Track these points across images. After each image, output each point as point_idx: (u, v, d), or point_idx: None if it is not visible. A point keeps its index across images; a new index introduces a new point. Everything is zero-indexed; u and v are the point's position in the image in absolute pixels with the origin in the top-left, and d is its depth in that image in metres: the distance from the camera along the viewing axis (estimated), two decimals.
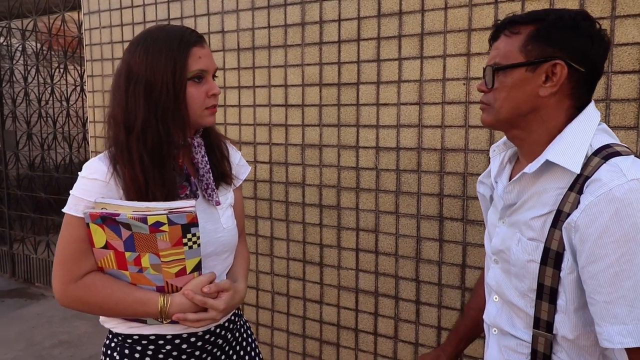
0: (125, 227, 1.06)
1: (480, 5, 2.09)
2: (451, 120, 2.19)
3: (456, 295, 2.26)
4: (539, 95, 0.94)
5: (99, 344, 3.14)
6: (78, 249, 1.10)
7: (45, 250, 4.13)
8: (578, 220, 0.86)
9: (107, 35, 3.31)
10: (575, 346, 0.93)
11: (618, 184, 0.83)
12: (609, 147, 0.90)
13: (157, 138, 1.09)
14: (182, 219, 1.04)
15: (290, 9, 2.55)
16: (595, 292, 0.85)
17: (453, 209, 2.23)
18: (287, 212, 2.68)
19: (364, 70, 2.38)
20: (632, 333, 0.81)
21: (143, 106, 1.08)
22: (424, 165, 2.28)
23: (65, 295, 1.10)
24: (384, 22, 2.31)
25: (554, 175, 0.93)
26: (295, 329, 2.74)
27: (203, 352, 1.19)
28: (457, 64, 2.16)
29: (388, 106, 2.34)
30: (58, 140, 4.11)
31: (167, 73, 1.08)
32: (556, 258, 0.90)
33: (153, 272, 1.09)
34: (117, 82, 1.13)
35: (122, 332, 1.17)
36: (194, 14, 2.89)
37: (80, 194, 1.10)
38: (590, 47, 0.92)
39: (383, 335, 2.47)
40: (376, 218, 2.42)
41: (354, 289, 2.53)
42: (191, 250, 1.08)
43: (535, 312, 0.95)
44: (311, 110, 2.55)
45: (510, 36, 0.96)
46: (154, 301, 1.08)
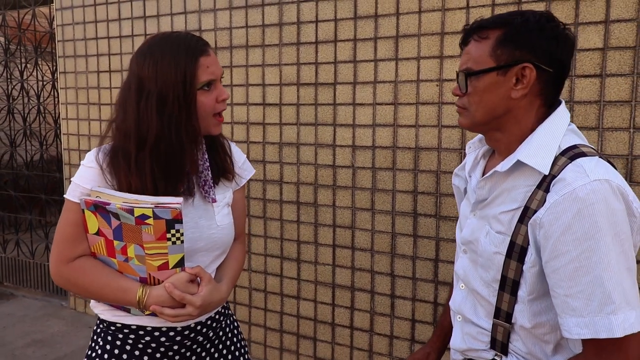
0: (114, 216, 1.10)
1: (452, 9, 2.17)
2: (425, 120, 2.28)
3: (430, 288, 2.35)
4: (511, 98, 0.97)
5: (74, 342, 3.12)
6: (73, 233, 1.15)
7: (15, 249, 4.05)
8: (543, 217, 0.90)
9: (80, 31, 3.27)
10: (531, 335, 0.98)
11: (581, 184, 0.87)
12: (575, 148, 0.94)
13: (170, 150, 1.12)
14: (167, 214, 1.07)
15: (268, 9, 2.59)
16: (557, 286, 0.89)
17: (427, 205, 2.32)
18: (264, 209, 2.72)
19: (340, 71, 2.44)
20: (588, 325, 0.86)
21: (156, 119, 1.09)
22: (398, 164, 2.36)
23: (58, 274, 1.16)
24: (360, 24, 2.38)
25: (523, 174, 0.97)
26: (273, 324, 2.79)
27: (181, 347, 1.22)
28: (430, 66, 2.24)
29: (364, 106, 2.40)
30: (28, 137, 4.03)
31: (178, 85, 1.10)
32: (520, 252, 0.95)
33: (137, 263, 1.13)
34: (127, 95, 1.13)
35: (107, 319, 1.21)
36: (170, 12, 2.89)
37: (79, 180, 1.14)
38: (556, 47, 0.96)
39: (359, 329, 2.54)
40: (352, 215, 2.49)
41: (330, 284, 2.59)
42: (174, 246, 1.11)
43: (497, 303, 1.00)
44: (289, 109, 2.59)
45: (480, 41, 0.99)
46: (134, 290, 1.12)
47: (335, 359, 2.62)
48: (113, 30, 3.13)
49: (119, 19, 3.09)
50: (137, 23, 3.03)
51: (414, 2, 2.24)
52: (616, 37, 1.92)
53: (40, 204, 4.01)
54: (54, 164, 4.01)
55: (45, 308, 3.67)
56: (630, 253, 0.88)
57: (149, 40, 1.16)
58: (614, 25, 1.92)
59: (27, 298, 3.89)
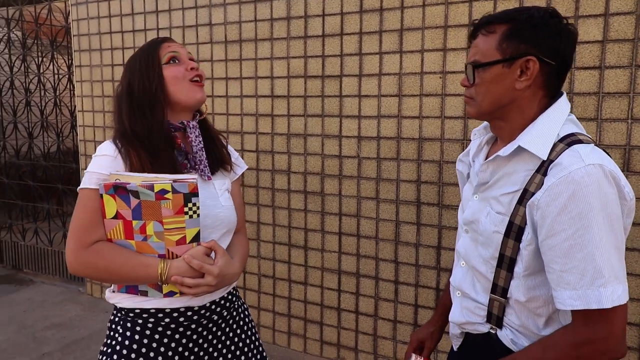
0: (134, 195, 1.17)
1: (455, 3, 2.23)
2: (428, 112, 2.34)
3: (432, 275, 2.42)
4: (515, 89, 1.03)
5: (91, 326, 3.24)
6: (90, 219, 1.21)
7: (34, 237, 4.19)
8: (540, 199, 0.96)
9: (95, 26, 3.37)
10: (525, 309, 1.05)
11: (577, 167, 0.93)
12: (573, 136, 1.01)
13: (147, 132, 1.25)
14: (185, 188, 1.17)
15: (276, 3, 2.66)
16: (553, 262, 0.96)
17: (430, 194, 2.38)
18: (273, 198, 2.81)
19: (346, 64, 2.51)
20: (581, 297, 0.93)
21: (127, 108, 1.27)
22: (402, 154, 2.43)
23: (76, 260, 1.22)
24: (365, 18, 2.44)
25: (524, 159, 1.03)
26: (281, 309, 2.88)
27: (198, 325, 1.30)
28: (434, 59, 2.30)
29: (369, 98, 2.47)
30: (45, 129, 4.16)
31: (142, 68, 1.28)
32: (518, 231, 1.01)
33: (156, 240, 1.20)
34: (113, 100, 1.34)
35: (126, 307, 1.27)
36: (182, 7, 2.97)
37: (94, 169, 1.23)
38: (559, 41, 1.01)
39: (364, 314, 2.63)
40: (358, 203, 2.56)
41: (336, 271, 2.67)
42: (191, 220, 1.20)
43: (494, 279, 1.07)
44: (296, 101, 2.67)
45: (487, 35, 1.04)
46: (155, 265, 1.20)
47: (341, 342, 2.71)
48: (126, 25, 3.22)
49: (132, 14, 3.18)
50: (149, 17, 3.11)
51: None
52: (615, 30, 1.97)
53: (58, 193, 4.14)
54: (70, 155, 4.13)
55: (63, 294, 3.81)
56: (619, 233, 0.95)
57: None
58: (613, 18, 1.96)
59: (45, 284, 4.03)
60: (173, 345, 1.28)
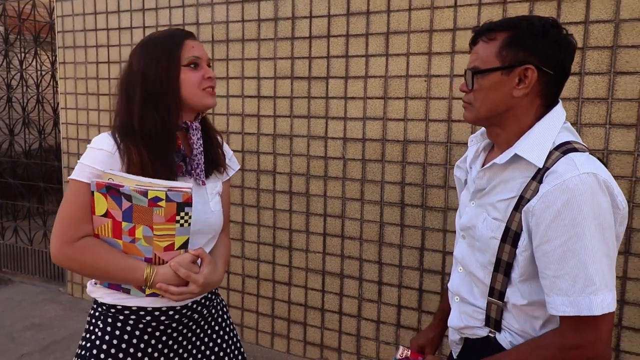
0: (126, 198, 1.15)
1: (441, 8, 2.26)
2: (413, 114, 2.37)
3: (415, 276, 2.45)
4: (513, 96, 1.04)
5: (71, 326, 3.20)
6: (79, 213, 1.19)
7: (13, 236, 4.12)
8: (535, 206, 0.98)
9: (80, 22, 3.34)
10: (522, 312, 1.06)
11: (571, 176, 0.94)
12: (568, 144, 1.02)
13: (154, 128, 1.21)
14: (179, 198, 1.15)
15: (264, 4, 2.67)
16: (546, 268, 0.98)
17: (413, 196, 2.41)
18: (258, 198, 2.81)
19: (333, 65, 2.53)
20: (573, 304, 0.95)
21: (139, 100, 1.21)
22: (387, 156, 2.45)
23: (60, 254, 1.19)
24: (352, 21, 2.46)
25: (520, 166, 1.04)
26: (265, 310, 2.88)
27: (179, 324, 1.31)
28: (419, 62, 2.33)
29: (355, 100, 2.49)
30: (27, 126, 4.10)
31: (161, 63, 1.22)
32: (514, 237, 1.03)
33: (144, 244, 1.20)
34: (120, 82, 1.26)
35: (107, 302, 1.27)
36: (168, 5, 2.96)
37: (88, 161, 1.20)
38: (558, 51, 1.02)
39: (347, 314, 2.64)
40: (342, 204, 2.58)
41: (320, 271, 2.69)
42: (182, 228, 1.20)
43: (491, 282, 1.08)
44: (283, 102, 2.68)
45: (488, 42, 1.06)
46: (141, 269, 1.19)
47: (325, 343, 2.72)
48: (112, 22, 3.20)
49: (118, 11, 3.16)
50: (135, 15, 3.10)
51: (404, 0, 2.33)
52: (595, 37, 2.02)
53: (39, 192, 4.08)
54: (52, 152, 4.08)
55: (43, 293, 3.75)
56: (610, 241, 0.97)
57: (142, 39, 1.30)
58: (593, 25, 2.01)
59: (24, 284, 3.97)
60: (153, 342, 1.28)
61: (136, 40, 3.11)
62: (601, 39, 2.01)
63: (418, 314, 2.46)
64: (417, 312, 2.46)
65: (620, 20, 1.97)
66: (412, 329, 2.49)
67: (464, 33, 2.22)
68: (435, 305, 2.41)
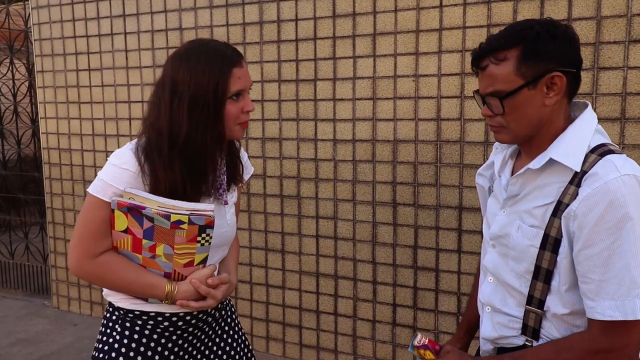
0: (148, 219, 1.15)
1: (426, 8, 2.29)
2: (402, 114, 2.39)
3: (409, 274, 2.47)
4: (545, 105, 1.03)
5: (60, 340, 3.13)
6: (99, 230, 1.19)
7: None
8: (577, 209, 0.96)
9: (57, 30, 3.27)
10: (563, 321, 1.05)
11: (613, 177, 0.94)
12: (604, 146, 1.02)
13: (196, 151, 1.17)
14: (201, 221, 1.16)
15: (249, 7, 2.66)
16: (591, 272, 0.96)
17: (405, 195, 2.43)
18: (249, 203, 2.80)
19: (320, 68, 2.53)
20: (619, 308, 0.94)
21: (187, 120, 1.15)
22: (378, 156, 2.47)
23: (81, 269, 1.20)
24: (338, 23, 2.47)
25: (555, 171, 1.03)
26: (259, 314, 2.87)
27: (195, 328, 1.32)
28: (406, 62, 2.35)
29: (344, 101, 2.50)
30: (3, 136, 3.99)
31: (210, 92, 1.15)
32: (554, 243, 1.01)
33: (164, 260, 1.20)
34: (161, 94, 1.19)
35: (124, 307, 1.27)
36: (150, 11, 2.93)
37: (111, 180, 1.17)
38: (570, 48, 1.02)
39: (343, 315, 2.65)
40: (335, 206, 2.59)
41: (314, 273, 2.69)
42: (202, 247, 1.21)
43: (530, 291, 1.06)
44: (271, 105, 2.67)
45: (499, 63, 1.02)
46: (162, 286, 1.20)
47: (321, 345, 2.72)
48: (92, 29, 3.14)
49: (98, 18, 3.11)
50: (116, 21, 3.05)
51: (390, 1, 2.35)
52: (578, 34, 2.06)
53: (19, 204, 3.98)
54: (30, 163, 3.99)
55: (27, 307, 3.66)
56: None
57: (186, 45, 1.22)
58: (575, 22, 2.07)
59: (7, 299, 3.87)
60: (170, 346, 1.29)
61: (118, 47, 3.06)
62: (584, 35, 2.06)
63: (413, 311, 2.49)
64: (413, 309, 2.49)
65: (602, 17, 2.02)
66: (407, 326, 2.51)
67: (450, 32, 2.26)
68: (430, 302, 2.44)
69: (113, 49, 3.09)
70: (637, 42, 1.99)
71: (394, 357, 2.55)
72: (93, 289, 3.40)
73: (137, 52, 3.01)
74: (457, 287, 2.38)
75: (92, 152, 3.25)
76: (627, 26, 2.00)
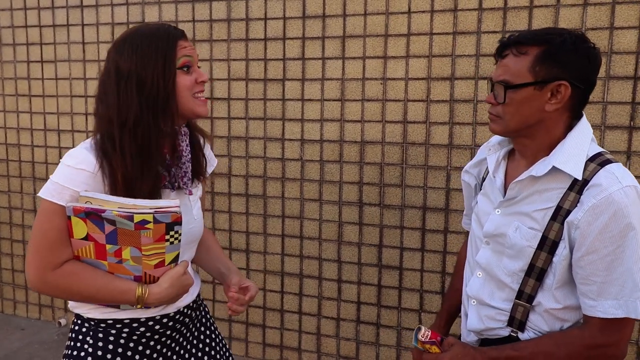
0: (109, 222, 1.08)
1: (395, 14, 2.35)
2: (370, 116, 2.44)
3: (374, 272, 2.53)
4: (544, 110, 1.07)
5: (5, 346, 2.96)
6: (57, 238, 1.11)
7: None
8: (582, 219, 1.03)
9: (7, 18, 3.09)
10: (552, 315, 1.12)
11: (616, 189, 1.01)
12: (601, 155, 1.08)
13: (147, 132, 1.12)
14: (167, 218, 1.09)
15: (216, 4, 2.63)
16: (593, 275, 1.04)
17: (371, 195, 2.49)
18: (212, 202, 2.77)
19: (289, 68, 2.54)
20: (622, 307, 1.03)
21: (136, 102, 1.11)
22: (345, 156, 2.51)
23: (42, 282, 1.11)
24: (308, 24, 2.49)
25: (556, 178, 1.08)
26: (221, 314, 2.84)
27: (173, 330, 1.28)
28: (375, 65, 2.41)
29: (312, 101, 2.53)
30: None
31: (158, 67, 1.12)
32: (552, 245, 1.08)
33: (133, 264, 1.13)
34: (106, 81, 1.15)
35: (96, 317, 1.20)
36: (110, 3, 2.83)
37: (66, 182, 1.09)
38: (588, 66, 1.06)
39: (307, 313, 2.67)
40: (301, 205, 2.61)
41: (279, 273, 2.69)
42: (172, 246, 1.13)
43: (521, 287, 1.13)
44: (237, 103, 2.65)
45: (519, 56, 1.06)
46: (132, 290, 1.13)
47: (284, 343, 2.73)
48: (45, 19, 3.00)
49: (52, 7, 2.97)
50: (73, 12, 2.93)
51: (360, 5, 2.39)
52: None
53: None
54: None
55: None
56: None
57: (126, 32, 1.18)
58: None
59: None
60: (148, 352, 1.24)
61: (74, 39, 2.94)
62: None
63: (377, 309, 2.54)
64: (376, 307, 2.54)
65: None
66: (371, 323, 2.56)
67: (418, 38, 2.33)
68: (393, 300, 2.50)
69: (69, 40, 2.96)
70: None
71: (357, 354, 2.60)
72: None
73: (95, 44, 2.90)
74: (419, 284, 2.46)
75: (44, 148, 3.10)
76: None
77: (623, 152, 2.11)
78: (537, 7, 2.16)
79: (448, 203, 2.37)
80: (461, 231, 2.36)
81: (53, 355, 2.87)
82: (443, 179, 2.36)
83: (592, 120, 2.13)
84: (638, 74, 2.08)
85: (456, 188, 2.35)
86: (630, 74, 2.09)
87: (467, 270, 1.31)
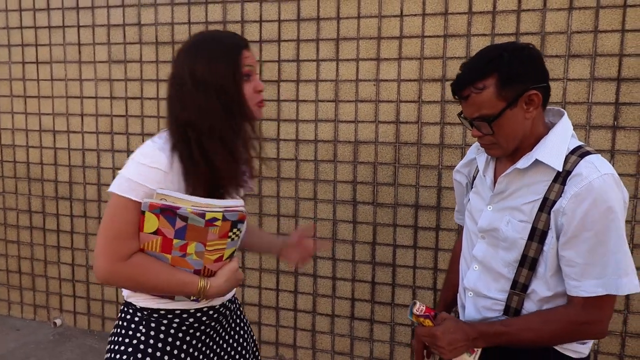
0: (182, 219, 1.16)
1: (388, 17, 2.41)
2: (363, 116, 2.50)
3: (368, 269, 2.58)
4: (526, 119, 1.17)
5: (1, 346, 2.97)
6: (128, 231, 1.17)
7: None
8: (566, 206, 1.11)
9: (2, 20, 3.11)
10: (545, 302, 1.19)
11: (595, 177, 1.09)
12: (581, 148, 1.17)
13: (231, 136, 1.20)
14: (234, 217, 1.18)
15: (212, 7, 2.67)
16: (577, 257, 1.12)
17: (365, 194, 2.54)
18: None
19: (284, 69, 2.59)
20: (604, 285, 1.10)
21: (218, 109, 1.18)
22: (339, 156, 2.56)
23: (112, 272, 1.18)
24: (303, 26, 2.54)
25: (540, 171, 1.17)
26: None
27: (216, 322, 1.36)
28: (368, 67, 2.47)
29: (307, 102, 2.58)
30: None
31: (230, 76, 1.18)
32: (541, 235, 1.16)
33: (195, 258, 1.21)
34: (182, 87, 1.20)
35: (149, 307, 1.26)
36: (106, 5, 2.86)
37: (142, 180, 1.15)
38: (537, 66, 1.16)
39: (302, 310, 2.72)
40: (296, 204, 2.66)
41: (274, 271, 2.74)
42: (232, 242, 1.22)
43: (515, 277, 1.20)
44: None
45: (480, 92, 1.14)
46: (195, 283, 1.21)
47: (280, 340, 2.78)
48: (41, 20, 3.02)
49: (48, 9, 2.99)
50: (68, 14, 2.95)
51: (353, 8, 2.45)
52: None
53: None
54: None
55: None
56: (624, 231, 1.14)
57: (194, 37, 1.25)
58: (522, 37, 2.26)
59: None
60: (194, 343, 1.32)
61: (70, 40, 2.97)
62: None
63: (371, 305, 2.60)
64: (370, 303, 2.60)
65: (546, 33, 2.23)
66: (365, 320, 2.62)
67: (410, 41, 2.39)
68: (386, 296, 2.56)
69: (64, 42, 2.99)
70: (575, 57, 2.21)
71: (352, 349, 2.66)
72: (37, 291, 3.26)
73: (91, 46, 2.93)
74: (412, 281, 2.52)
75: (39, 149, 3.12)
76: (567, 42, 2.22)
77: (607, 151, 2.19)
78: (524, 11, 2.24)
79: (440, 201, 2.43)
80: (453, 228, 2.43)
81: (49, 355, 2.89)
82: (435, 178, 2.43)
83: (577, 120, 2.21)
84: (621, 76, 2.16)
85: (447, 186, 2.41)
86: (613, 75, 2.17)
87: (463, 264, 1.38)
